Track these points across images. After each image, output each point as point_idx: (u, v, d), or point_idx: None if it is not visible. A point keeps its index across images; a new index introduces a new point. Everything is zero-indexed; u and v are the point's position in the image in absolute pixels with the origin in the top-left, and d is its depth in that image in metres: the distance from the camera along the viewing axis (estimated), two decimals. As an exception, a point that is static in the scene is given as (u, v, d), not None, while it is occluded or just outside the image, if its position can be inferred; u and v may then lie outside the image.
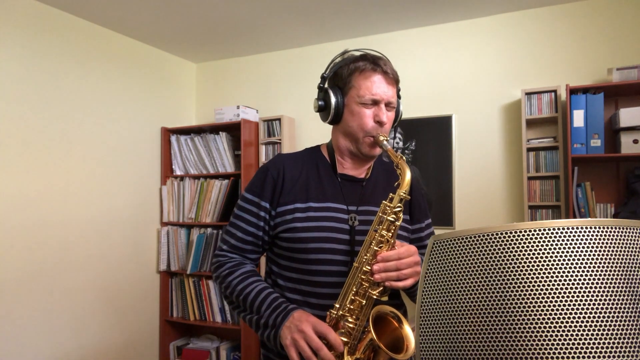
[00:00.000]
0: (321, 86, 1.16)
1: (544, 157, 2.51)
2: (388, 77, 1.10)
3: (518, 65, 2.70)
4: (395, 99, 1.14)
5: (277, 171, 1.13)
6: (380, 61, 1.10)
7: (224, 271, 1.11)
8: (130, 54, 3.08)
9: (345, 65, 1.12)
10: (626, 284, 0.55)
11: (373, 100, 1.08)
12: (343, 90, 1.12)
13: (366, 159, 1.16)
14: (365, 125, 1.09)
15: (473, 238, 0.60)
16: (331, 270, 1.06)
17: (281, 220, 1.10)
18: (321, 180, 1.14)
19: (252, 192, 1.14)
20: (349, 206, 1.11)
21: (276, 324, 0.98)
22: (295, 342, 0.93)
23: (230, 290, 1.08)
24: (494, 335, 0.56)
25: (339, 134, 1.16)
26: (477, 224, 2.72)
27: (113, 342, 2.89)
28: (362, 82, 1.08)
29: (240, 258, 1.14)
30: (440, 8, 2.67)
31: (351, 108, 1.10)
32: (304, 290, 1.08)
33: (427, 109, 2.91)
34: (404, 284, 0.96)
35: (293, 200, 1.10)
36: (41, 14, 2.50)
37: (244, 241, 1.13)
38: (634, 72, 2.29)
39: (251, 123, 3.16)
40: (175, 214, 3.27)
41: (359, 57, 1.12)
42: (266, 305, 1.02)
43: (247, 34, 3.06)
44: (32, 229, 2.42)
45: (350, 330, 0.97)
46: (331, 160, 1.17)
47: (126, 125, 3.03)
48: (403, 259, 0.95)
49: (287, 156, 1.18)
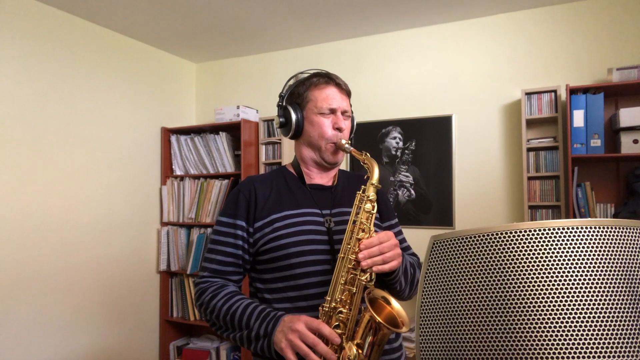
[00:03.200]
0: (280, 104, 1.23)
1: (544, 157, 2.51)
2: (341, 89, 1.21)
3: (518, 65, 2.71)
4: (350, 108, 1.23)
5: (248, 191, 1.18)
6: (332, 75, 1.21)
7: (207, 296, 1.10)
8: (130, 54, 3.08)
9: (301, 84, 1.22)
10: (626, 284, 0.55)
11: (330, 110, 1.17)
12: (301, 105, 1.21)
13: (331, 166, 1.23)
14: (325, 133, 1.17)
15: (473, 238, 0.60)
16: (315, 270, 1.09)
17: (260, 234, 1.13)
18: (292, 192, 1.20)
19: (227, 215, 1.17)
20: (322, 210, 1.17)
21: (268, 332, 0.98)
22: (291, 342, 0.93)
23: (216, 313, 1.07)
24: (494, 335, 0.56)
25: (302, 146, 1.23)
26: (477, 224, 2.72)
27: (113, 342, 2.89)
28: (319, 95, 1.18)
29: (222, 281, 1.14)
30: (440, 8, 2.67)
31: (310, 119, 1.19)
32: (292, 296, 1.10)
33: (427, 109, 2.91)
34: (390, 266, 1.01)
35: (268, 214, 1.14)
36: (41, 14, 2.50)
37: (225, 263, 1.14)
38: (634, 72, 2.29)
39: (251, 123, 3.16)
40: (175, 214, 3.27)
41: (312, 75, 1.22)
42: (254, 317, 1.02)
43: (247, 34, 3.06)
44: (32, 229, 2.42)
45: (344, 320, 0.99)
46: (298, 173, 1.23)
47: (126, 125, 3.03)
48: (384, 243, 1.00)
49: (256, 177, 1.24)
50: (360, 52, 3.13)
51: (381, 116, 3.03)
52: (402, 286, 1.13)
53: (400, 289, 1.13)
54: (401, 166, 2.96)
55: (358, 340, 0.96)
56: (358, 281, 1.00)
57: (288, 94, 1.23)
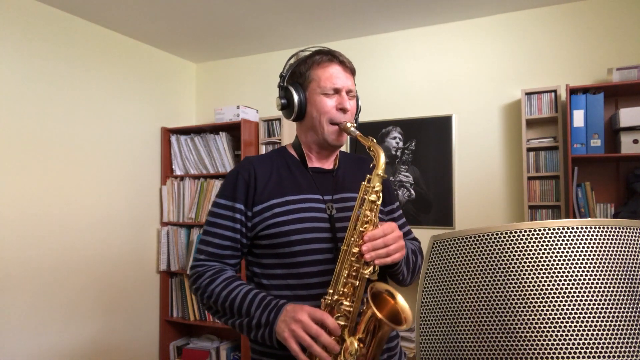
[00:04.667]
0: (281, 85, 1.16)
1: (544, 157, 2.51)
2: (345, 67, 1.13)
3: (518, 65, 2.70)
4: (355, 87, 1.16)
5: (247, 172, 1.12)
6: (336, 53, 1.14)
7: (204, 280, 1.07)
8: (130, 54, 3.08)
9: (302, 63, 1.14)
10: (626, 284, 0.55)
11: (334, 89, 1.10)
12: (303, 85, 1.13)
13: (333, 149, 1.18)
14: (329, 113, 1.10)
15: (473, 238, 0.60)
16: (317, 259, 1.06)
17: (260, 219, 1.09)
18: (294, 175, 1.15)
19: (225, 197, 1.12)
20: (324, 196, 1.13)
21: (270, 321, 0.96)
22: (294, 332, 0.91)
23: (214, 298, 1.04)
24: (494, 335, 0.56)
25: (305, 128, 1.17)
26: (477, 224, 2.72)
27: (113, 342, 2.89)
28: (322, 73, 1.11)
29: (219, 265, 1.11)
30: (440, 8, 2.67)
31: (313, 100, 1.12)
32: (292, 284, 1.07)
33: (427, 109, 2.91)
34: (393, 258, 0.98)
35: (268, 198, 1.10)
36: (41, 14, 2.50)
37: (222, 247, 1.10)
38: (634, 72, 2.29)
39: (251, 123, 3.16)
40: (175, 214, 3.27)
41: (314, 52, 1.14)
42: (255, 305, 1.00)
43: (247, 34, 3.06)
44: (32, 229, 2.42)
45: (346, 313, 0.97)
46: (300, 156, 1.18)
47: (126, 125, 3.03)
48: (388, 235, 0.97)
49: (255, 158, 1.18)
50: (361, 52, 3.13)
51: (381, 116, 3.03)
52: (404, 276, 1.11)
53: (402, 279, 1.11)
54: (401, 166, 2.96)
55: (360, 334, 0.95)
56: (361, 274, 0.97)
57: (289, 74, 1.16)
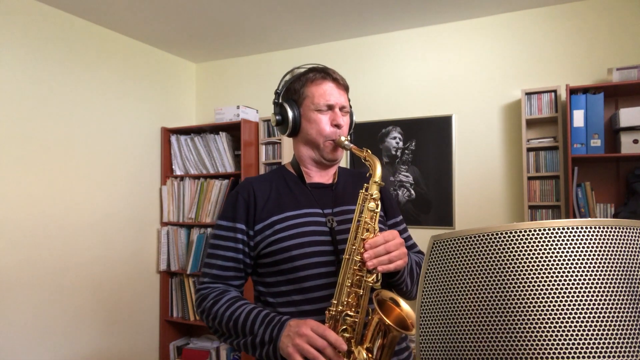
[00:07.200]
0: (276, 102, 1.19)
1: (544, 157, 2.51)
2: (339, 84, 1.16)
3: (518, 65, 2.70)
4: (348, 104, 1.18)
5: (247, 192, 1.14)
6: (329, 70, 1.16)
7: (208, 302, 1.08)
8: (130, 54, 3.08)
9: (297, 80, 1.17)
10: (626, 284, 0.55)
11: (328, 106, 1.13)
12: (297, 102, 1.16)
13: (330, 164, 1.20)
14: (323, 130, 1.13)
15: (473, 238, 0.60)
16: (320, 272, 1.06)
17: (261, 237, 1.10)
18: (293, 192, 1.16)
19: (226, 218, 1.14)
20: (324, 210, 1.14)
21: (273, 338, 0.96)
22: (298, 346, 0.91)
23: (219, 319, 1.05)
24: (493, 335, 0.56)
25: (300, 144, 1.19)
26: (477, 224, 2.72)
27: (113, 341, 2.89)
28: (315, 90, 1.14)
29: (223, 287, 1.11)
30: (440, 8, 2.67)
31: (308, 116, 1.14)
32: (296, 300, 1.07)
33: (427, 109, 2.91)
34: (396, 265, 0.98)
35: (268, 215, 1.11)
36: (41, 14, 2.50)
37: (225, 268, 1.11)
38: (634, 72, 2.29)
39: (251, 123, 3.16)
40: (175, 214, 3.27)
41: (308, 70, 1.17)
42: (259, 322, 1.00)
43: (247, 34, 3.06)
44: (31, 229, 2.42)
45: (351, 324, 0.96)
46: (297, 173, 1.20)
47: (126, 125, 3.03)
48: (389, 242, 0.98)
49: (254, 178, 1.21)
50: (361, 52, 3.13)
51: (381, 116, 3.03)
52: (408, 287, 1.10)
53: (406, 290, 1.11)
54: (401, 166, 2.96)
55: (367, 343, 0.94)
56: (365, 283, 0.97)
57: (284, 91, 1.19)
